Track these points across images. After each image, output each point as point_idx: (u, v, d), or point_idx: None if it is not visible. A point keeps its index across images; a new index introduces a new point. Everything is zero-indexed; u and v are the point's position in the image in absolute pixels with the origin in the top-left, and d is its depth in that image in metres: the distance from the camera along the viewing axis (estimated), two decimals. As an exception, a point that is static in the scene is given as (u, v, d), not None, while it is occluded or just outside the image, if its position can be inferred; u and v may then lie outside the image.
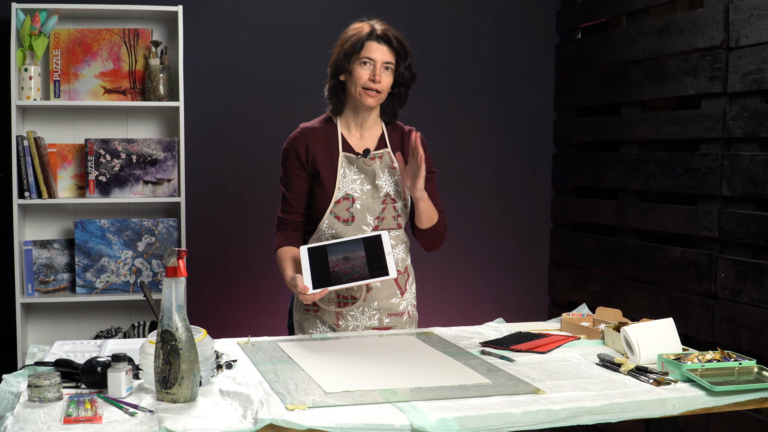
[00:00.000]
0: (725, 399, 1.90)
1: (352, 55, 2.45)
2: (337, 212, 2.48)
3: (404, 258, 2.59)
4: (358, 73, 2.44)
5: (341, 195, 2.47)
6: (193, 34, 3.74)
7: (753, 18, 2.94)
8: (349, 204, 2.48)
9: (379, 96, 2.45)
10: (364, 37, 2.45)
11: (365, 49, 2.44)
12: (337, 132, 2.53)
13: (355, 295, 2.51)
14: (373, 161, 2.50)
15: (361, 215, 2.48)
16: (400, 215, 2.53)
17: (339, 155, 2.49)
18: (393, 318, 2.57)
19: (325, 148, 2.50)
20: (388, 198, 2.51)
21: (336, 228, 2.48)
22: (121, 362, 1.82)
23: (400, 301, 2.57)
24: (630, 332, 2.14)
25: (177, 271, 1.80)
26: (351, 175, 2.49)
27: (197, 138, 3.79)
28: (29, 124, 3.61)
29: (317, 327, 2.54)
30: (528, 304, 4.25)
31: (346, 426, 1.66)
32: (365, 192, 2.49)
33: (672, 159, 3.35)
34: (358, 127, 2.54)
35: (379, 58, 2.44)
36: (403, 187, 2.53)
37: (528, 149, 4.27)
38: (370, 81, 2.43)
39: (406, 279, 2.59)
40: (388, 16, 4.04)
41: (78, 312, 3.70)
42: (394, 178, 2.52)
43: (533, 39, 4.23)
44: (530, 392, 1.88)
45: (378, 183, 2.50)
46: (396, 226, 2.53)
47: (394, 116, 2.59)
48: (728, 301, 3.06)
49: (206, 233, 3.86)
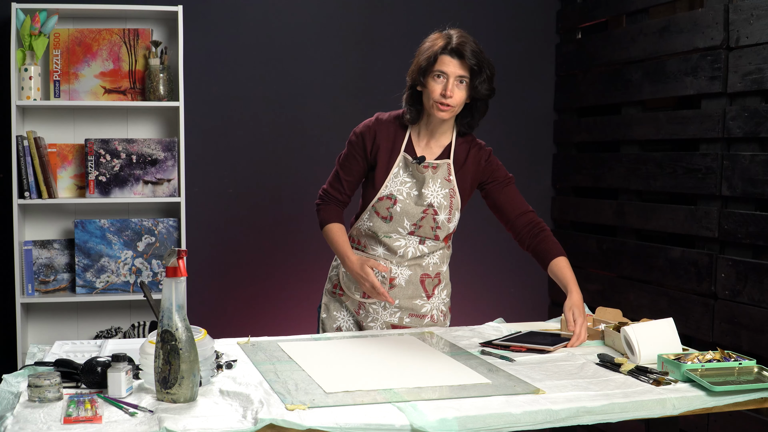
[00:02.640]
0: (725, 399, 1.90)
1: (427, 68, 2.44)
2: (378, 208, 2.52)
3: (438, 264, 2.61)
4: (431, 87, 2.43)
5: (386, 193, 2.51)
6: (193, 34, 3.74)
7: (753, 18, 2.94)
8: (390, 204, 2.51)
9: (451, 109, 2.45)
10: (438, 51, 2.43)
11: (438, 63, 2.43)
12: (406, 131, 2.55)
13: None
14: (426, 169, 2.52)
15: (399, 217, 2.51)
16: (439, 227, 2.54)
17: (399, 155, 2.52)
18: (414, 318, 2.59)
19: (389, 144, 2.53)
20: (431, 208, 2.52)
21: (374, 222, 2.53)
22: (121, 362, 1.82)
23: (425, 303, 2.60)
24: (630, 332, 2.14)
25: (177, 271, 1.80)
26: (402, 176, 2.52)
27: (197, 138, 3.79)
28: (29, 124, 3.60)
29: (341, 312, 2.62)
30: (528, 304, 4.25)
31: (346, 426, 1.66)
32: (409, 196, 2.51)
33: (672, 159, 3.35)
34: (428, 134, 2.55)
35: (452, 72, 2.41)
36: (450, 201, 2.53)
37: (528, 149, 4.27)
38: (442, 96, 2.42)
39: (435, 284, 2.61)
40: (388, 16, 4.06)
41: (78, 312, 3.70)
42: (444, 190, 2.53)
43: (533, 39, 4.23)
44: (530, 392, 1.88)
45: (424, 191, 2.51)
46: (434, 237, 2.55)
47: (471, 128, 2.58)
48: (728, 301, 3.06)
49: (206, 233, 3.86)
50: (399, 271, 2.55)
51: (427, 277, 2.58)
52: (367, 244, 2.57)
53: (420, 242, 2.54)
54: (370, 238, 2.56)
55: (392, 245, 2.53)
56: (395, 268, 2.55)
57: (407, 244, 2.53)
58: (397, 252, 2.53)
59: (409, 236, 2.53)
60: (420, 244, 2.54)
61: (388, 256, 2.55)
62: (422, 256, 2.56)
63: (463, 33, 2.46)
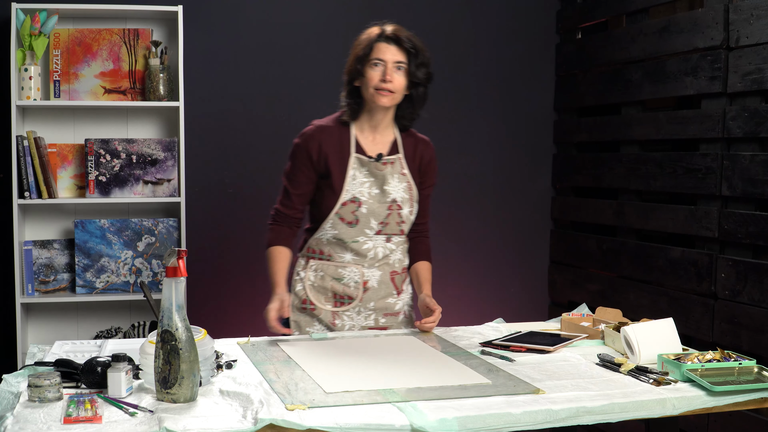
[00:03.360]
0: (725, 399, 1.90)
1: (364, 58, 2.45)
2: (342, 214, 2.48)
3: (401, 259, 2.60)
4: (369, 75, 2.44)
5: (348, 197, 2.47)
6: (193, 34, 3.74)
7: (753, 18, 2.94)
8: (355, 207, 2.47)
9: (392, 96, 2.45)
10: (373, 39, 2.46)
11: (375, 51, 2.45)
12: (350, 133, 2.52)
13: (352, 295, 2.52)
14: (384, 166, 2.51)
15: (366, 219, 2.48)
16: (404, 221, 2.54)
17: (351, 157, 2.49)
18: (389, 318, 2.58)
19: (338, 149, 2.50)
20: (395, 204, 2.51)
21: (339, 229, 2.48)
22: (121, 362, 1.82)
23: (396, 300, 2.59)
24: (630, 332, 2.14)
25: (177, 271, 1.80)
26: (360, 177, 2.49)
27: (197, 138, 3.79)
28: (29, 124, 3.60)
29: (314, 326, 2.55)
30: (528, 304, 4.25)
31: (346, 426, 1.66)
32: (372, 196, 2.49)
33: (672, 159, 3.35)
34: (372, 130, 2.53)
35: (389, 59, 2.44)
36: (410, 194, 2.53)
37: (528, 149, 4.27)
38: (381, 81, 2.43)
39: (403, 279, 2.62)
40: (388, 16, 4.05)
41: (78, 312, 3.70)
42: (402, 184, 2.53)
43: (533, 39, 4.23)
44: (530, 392, 1.88)
45: (386, 188, 2.50)
46: (399, 232, 2.54)
47: (413, 119, 2.58)
48: (728, 301, 3.06)
49: (206, 233, 3.86)
50: (370, 273, 2.53)
51: (395, 274, 2.58)
52: (333, 252, 2.52)
53: (387, 240, 2.53)
54: (335, 246, 2.51)
55: (361, 249, 2.50)
56: (366, 271, 2.53)
57: (375, 245, 2.51)
58: (366, 255, 2.51)
59: (376, 236, 2.51)
60: (387, 242, 2.53)
61: (357, 260, 2.52)
62: (390, 254, 2.55)
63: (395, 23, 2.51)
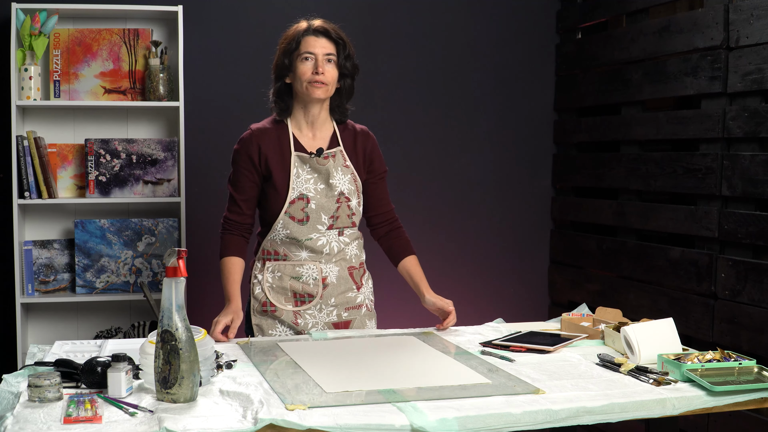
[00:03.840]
0: (725, 399, 1.90)
1: (293, 52, 2.47)
2: (292, 212, 2.48)
3: (358, 254, 2.62)
4: (301, 70, 2.46)
5: (296, 195, 2.48)
6: (193, 34, 3.74)
7: (753, 18, 2.94)
8: (304, 204, 2.48)
9: (325, 87, 2.46)
10: (300, 32, 2.48)
11: (304, 44, 2.47)
12: (288, 132, 2.53)
13: (312, 293, 2.52)
14: (326, 160, 2.51)
15: (316, 215, 2.49)
16: (354, 213, 2.55)
17: (291, 155, 2.50)
18: (351, 311, 2.59)
19: (277, 149, 2.51)
20: (342, 197, 2.52)
21: (290, 228, 2.49)
22: (121, 362, 1.82)
23: (357, 294, 2.60)
24: (630, 332, 2.14)
25: (177, 271, 1.80)
26: (304, 174, 2.49)
27: (197, 138, 3.79)
28: (29, 124, 3.60)
29: (276, 328, 2.54)
30: (528, 304, 4.25)
31: (346, 426, 1.66)
32: (319, 191, 2.50)
33: (672, 159, 3.35)
34: (310, 126, 2.55)
35: (320, 51, 2.45)
36: (356, 185, 2.55)
37: (528, 149, 4.27)
38: (314, 74, 2.44)
39: (361, 274, 2.63)
40: (388, 16, 4.06)
41: (78, 312, 3.70)
42: (347, 176, 2.53)
43: (533, 39, 4.23)
44: (530, 392, 1.88)
45: (332, 182, 2.50)
46: (351, 224, 2.56)
47: (343, 113, 2.59)
48: (728, 301, 3.06)
49: (206, 233, 3.85)
50: (328, 269, 2.54)
51: (353, 269, 2.59)
52: (288, 252, 2.52)
53: (339, 234, 2.53)
54: (290, 245, 2.51)
55: (315, 246, 2.50)
56: (324, 266, 2.53)
57: (328, 240, 2.51)
58: (322, 251, 2.51)
59: (328, 231, 2.51)
60: (339, 236, 2.53)
61: (313, 257, 2.52)
62: (344, 248, 2.55)
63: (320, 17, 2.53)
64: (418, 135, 4.11)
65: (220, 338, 2.37)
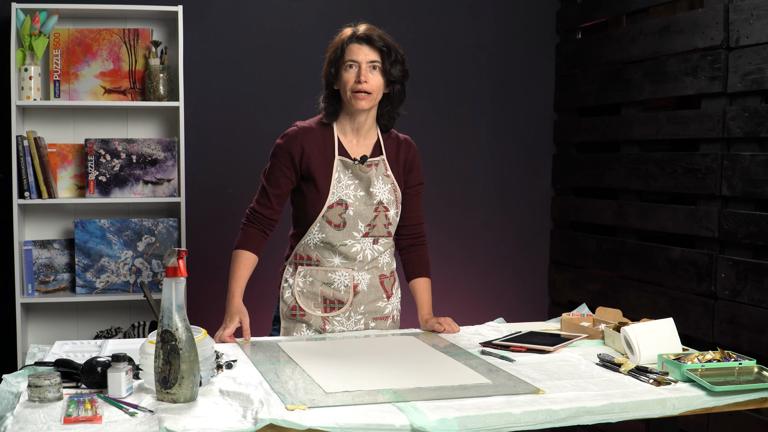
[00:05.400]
0: (725, 399, 1.90)
1: (338, 60, 2.45)
2: (330, 217, 2.46)
3: (389, 263, 2.60)
4: (345, 78, 2.43)
5: (335, 200, 2.46)
6: (193, 34, 3.74)
7: (753, 18, 2.94)
8: (342, 210, 2.46)
9: (370, 97, 2.43)
10: (345, 40, 2.45)
11: (347, 53, 2.44)
12: (333, 135, 2.51)
13: (342, 300, 2.51)
14: (369, 168, 2.49)
15: (353, 221, 2.47)
16: (390, 223, 2.53)
17: (335, 159, 2.48)
18: (378, 322, 2.58)
19: (321, 151, 2.48)
20: (381, 206, 2.50)
21: (326, 232, 2.47)
22: (121, 362, 1.82)
23: (386, 304, 2.58)
24: (630, 332, 2.14)
25: (177, 271, 1.80)
26: (345, 180, 2.48)
27: (197, 138, 3.79)
28: (29, 124, 3.60)
29: (303, 332, 2.53)
30: (528, 304, 4.25)
31: (346, 426, 1.66)
32: (359, 198, 2.48)
33: (672, 159, 3.35)
34: (355, 132, 2.52)
35: (363, 59, 2.42)
36: (395, 196, 2.53)
37: (528, 149, 4.27)
38: (357, 83, 2.41)
39: (392, 283, 2.61)
40: (388, 16, 4.05)
41: (78, 312, 3.70)
42: (387, 186, 2.52)
43: (533, 39, 4.23)
44: (530, 392, 1.88)
45: (372, 190, 2.49)
46: (386, 234, 2.54)
47: (393, 118, 2.56)
48: (728, 301, 3.06)
49: (206, 233, 3.86)
50: (360, 277, 2.52)
51: (384, 277, 2.57)
52: (321, 257, 2.51)
53: (374, 242, 2.52)
54: (324, 250, 2.50)
55: (349, 252, 2.49)
56: (356, 274, 2.52)
57: (363, 247, 2.50)
58: (356, 258, 2.50)
59: (363, 239, 2.49)
60: (374, 244, 2.52)
61: (346, 264, 2.50)
62: (378, 257, 2.54)
63: (368, 23, 2.49)
64: (418, 135, 4.09)
65: (230, 340, 2.37)
